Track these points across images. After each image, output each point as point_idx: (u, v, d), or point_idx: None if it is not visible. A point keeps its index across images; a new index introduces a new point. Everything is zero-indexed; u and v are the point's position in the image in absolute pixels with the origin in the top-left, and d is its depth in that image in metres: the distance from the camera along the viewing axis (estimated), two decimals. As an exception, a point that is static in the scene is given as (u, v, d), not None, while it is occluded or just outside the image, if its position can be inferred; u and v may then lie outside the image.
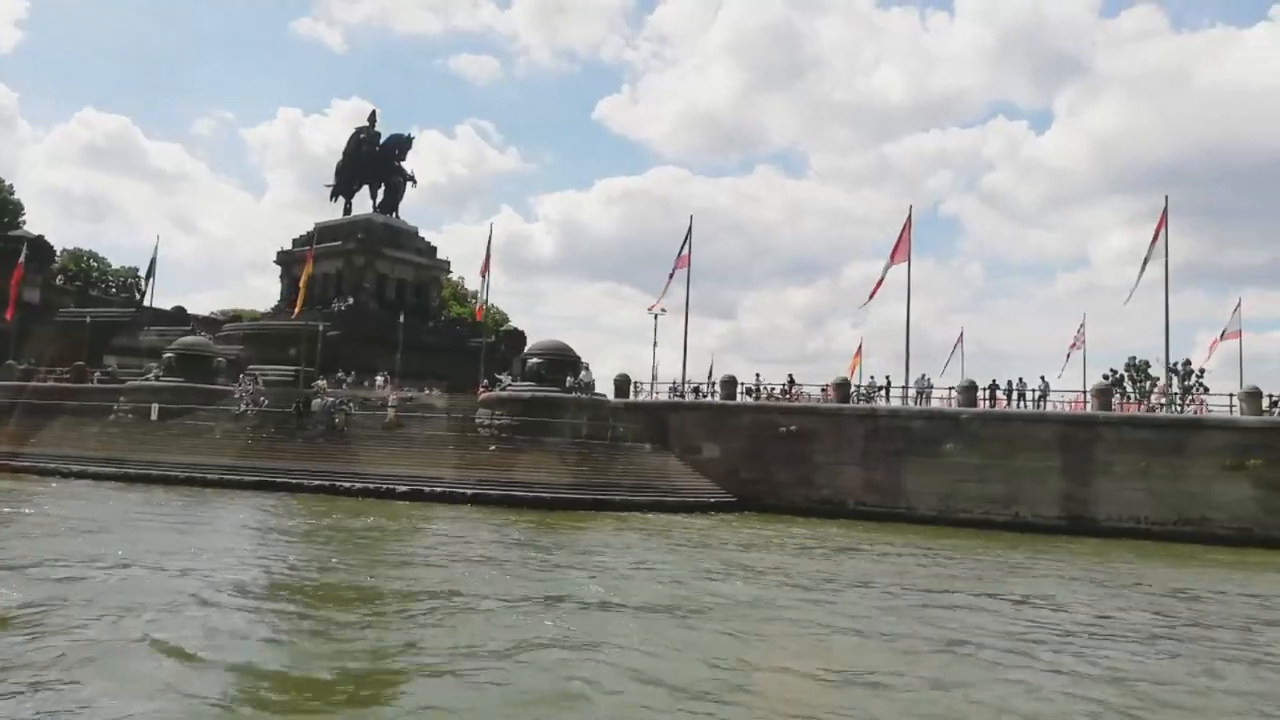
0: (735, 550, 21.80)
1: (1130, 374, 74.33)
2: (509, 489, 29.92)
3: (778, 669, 10.63)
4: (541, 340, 37.77)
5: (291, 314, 67.01)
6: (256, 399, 38.90)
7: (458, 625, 11.97)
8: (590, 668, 10.03)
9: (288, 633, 11.09)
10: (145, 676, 8.95)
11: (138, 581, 13.91)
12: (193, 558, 16.50)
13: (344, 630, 11.20)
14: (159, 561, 15.67)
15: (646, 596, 14.74)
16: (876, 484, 32.50)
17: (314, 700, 8.60)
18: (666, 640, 11.68)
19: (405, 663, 9.99)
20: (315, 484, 30.99)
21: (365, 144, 72.08)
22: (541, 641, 11.16)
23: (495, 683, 9.38)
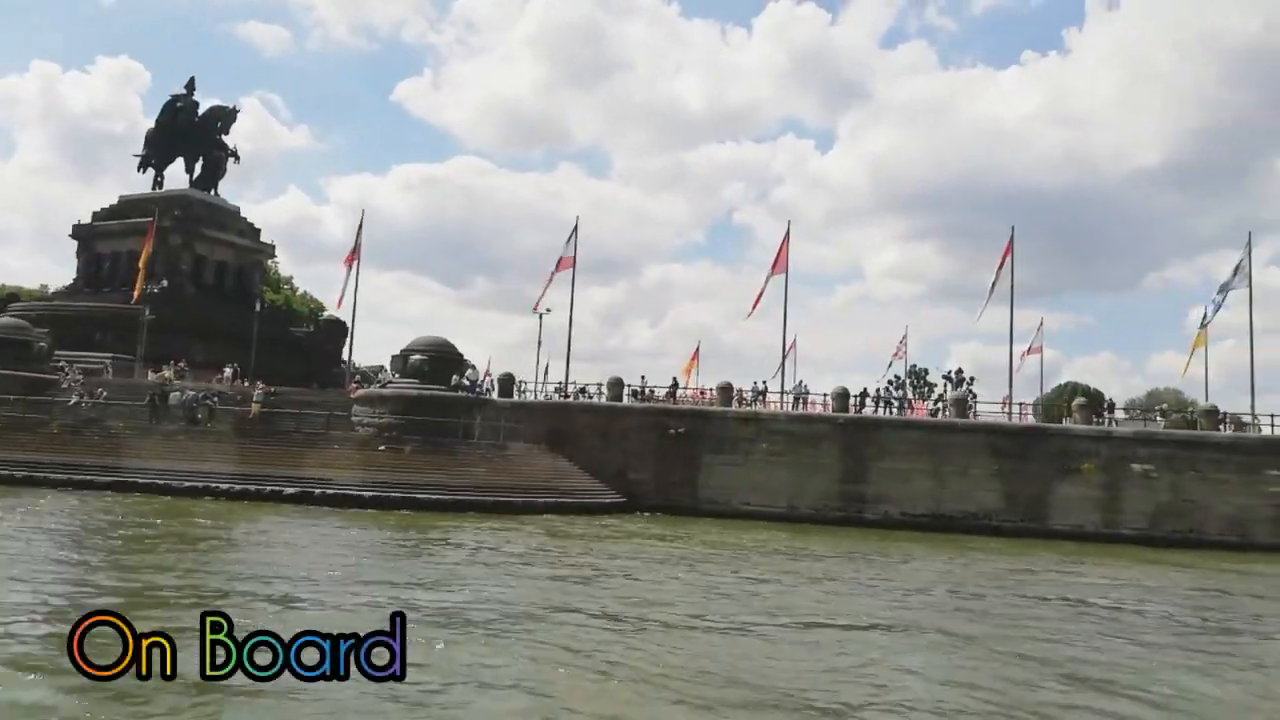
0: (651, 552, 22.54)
1: (911, 380, 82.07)
2: (409, 491, 28.90)
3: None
4: (422, 336, 36.54)
5: (91, 294, 60.64)
6: (93, 390, 34.97)
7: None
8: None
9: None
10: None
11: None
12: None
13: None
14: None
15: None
16: (758, 484, 34.28)
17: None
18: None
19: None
20: (187, 485, 28.42)
21: (183, 113, 66.30)
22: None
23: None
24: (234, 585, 14.08)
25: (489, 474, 31.28)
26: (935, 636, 13.14)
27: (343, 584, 14.86)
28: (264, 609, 12.14)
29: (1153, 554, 27.56)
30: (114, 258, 62.44)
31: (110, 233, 62.71)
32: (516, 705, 8.57)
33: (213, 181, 66.86)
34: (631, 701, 8.85)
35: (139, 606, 11.73)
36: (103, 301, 58.30)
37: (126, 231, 62.33)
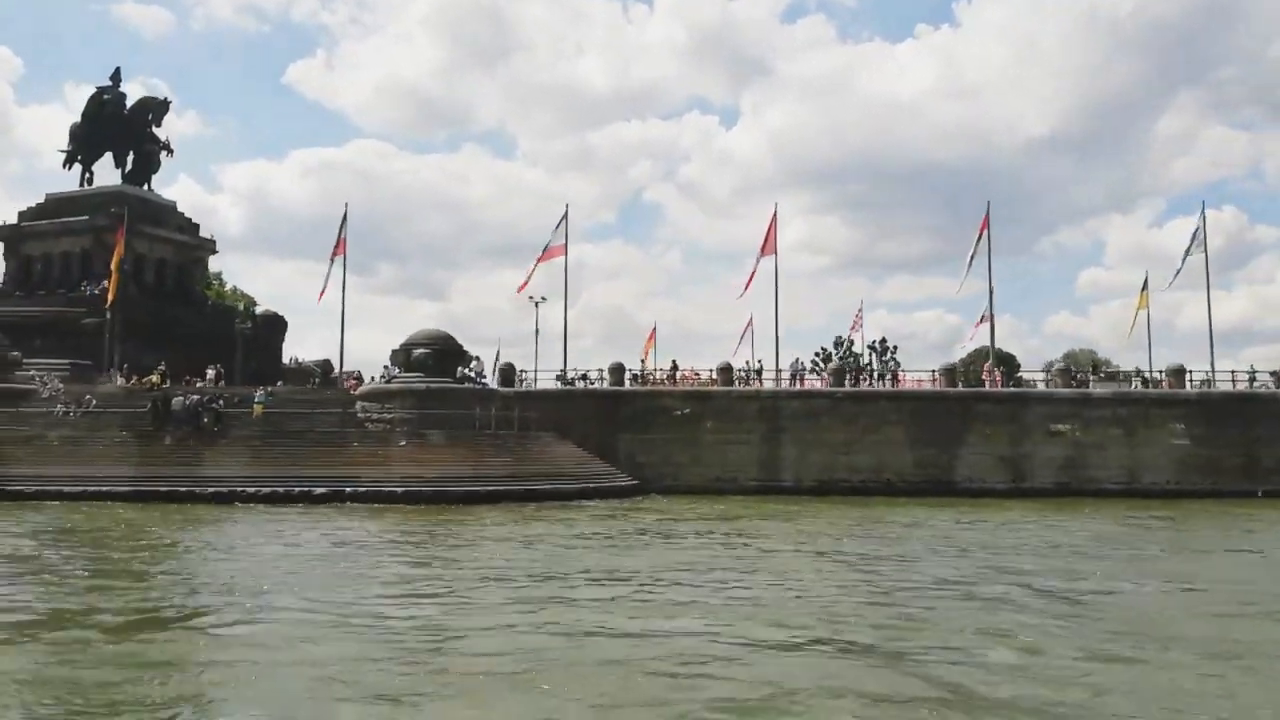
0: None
1: (838, 351, 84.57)
2: (439, 485, 29.06)
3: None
4: (423, 330, 36.39)
5: (23, 298, 57.53)
6: (80, 399, 33.62)
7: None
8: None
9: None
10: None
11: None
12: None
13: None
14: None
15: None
16: (764, 460, 35.61)
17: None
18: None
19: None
20: (212, 491, 27.93)
21: (109, 105, 63.18)
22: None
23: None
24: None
25: (512, 464, 31.64)
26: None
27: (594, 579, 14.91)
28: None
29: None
30: (45, 259, 59.24)
31: (40, 233, 59.44)
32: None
33: (145, 176, 63.93)
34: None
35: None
36: (37, 305, 55.47)
37: (59, 231, 59.27)
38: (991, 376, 37.71)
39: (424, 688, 8.38)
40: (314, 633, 10.55)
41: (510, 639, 10.41)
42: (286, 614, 11.72)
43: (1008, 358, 76.83)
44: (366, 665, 9.09)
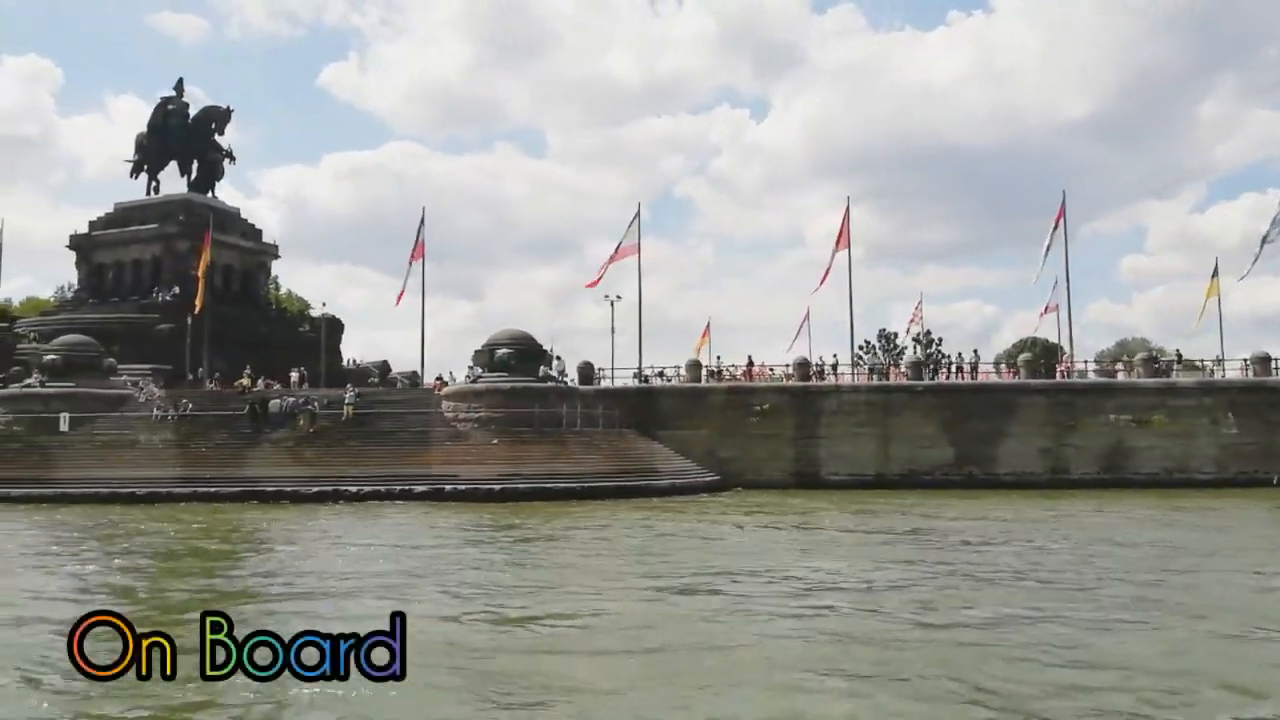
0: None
1: (881, 343, 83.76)
2: (537, 482, 29.55)
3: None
4: (504, 330, 36.94)
5: (97, 305, 59.04)
6: (177, 402, 34.55)
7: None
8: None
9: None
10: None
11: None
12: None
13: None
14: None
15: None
16: (843, 454, 35.75)
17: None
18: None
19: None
20: (315, 490, 28.63)
21: (174, 115, 64.57)
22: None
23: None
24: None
25: (601, 461, 32.07)
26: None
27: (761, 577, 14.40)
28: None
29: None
30: (117, 267, 60.82)
31: (110, 242, 61.03)
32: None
33: (209, 184, 65.36)
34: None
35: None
36: (110, 312, 56.90)
37: (129, 240, 60.81)
38: (1069, 367, 37.51)
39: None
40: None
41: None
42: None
43: (1054, 348, 76.18)
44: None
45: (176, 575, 15.24)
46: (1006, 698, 7.54)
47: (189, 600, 12.46)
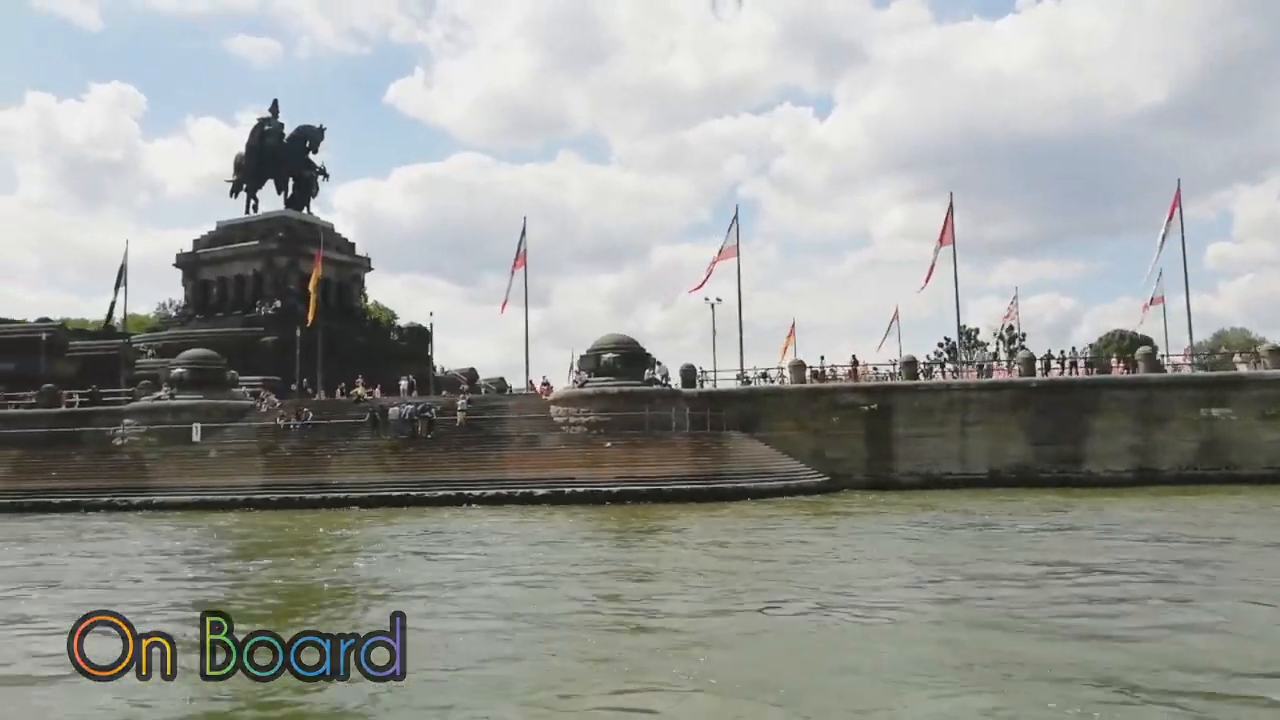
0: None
1: (963, 341, 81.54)
2: (650, 484, 29.79)
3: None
4: (609, 335, 37.35)
5: (203, 321, 61.46)
6: (299, 412, 35.77)
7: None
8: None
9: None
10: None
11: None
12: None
13: None
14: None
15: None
16: (957, 454, 35.20)
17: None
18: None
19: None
20: (441, 494, 29.38)
21: (270, 136, 66.92)
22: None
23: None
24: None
25: (713, 463, 32.17)
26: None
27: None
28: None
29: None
30: (220, 283, 63.29)
31: (214, 259, 63.53)
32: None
33: (305, 200, 67.62)
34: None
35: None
36: (216, 327, 59.17)
37: (231, 257, 63.23)
38: (1191, 360, 36.32)
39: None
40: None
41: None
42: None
43: (1144, 340, 73.56)
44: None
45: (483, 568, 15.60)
46: None
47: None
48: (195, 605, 12.35)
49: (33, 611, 12.20)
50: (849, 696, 7.63)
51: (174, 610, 11.89)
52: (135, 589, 14.12)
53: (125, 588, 14.38)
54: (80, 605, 10.77)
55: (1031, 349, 62.71)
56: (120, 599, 12.79)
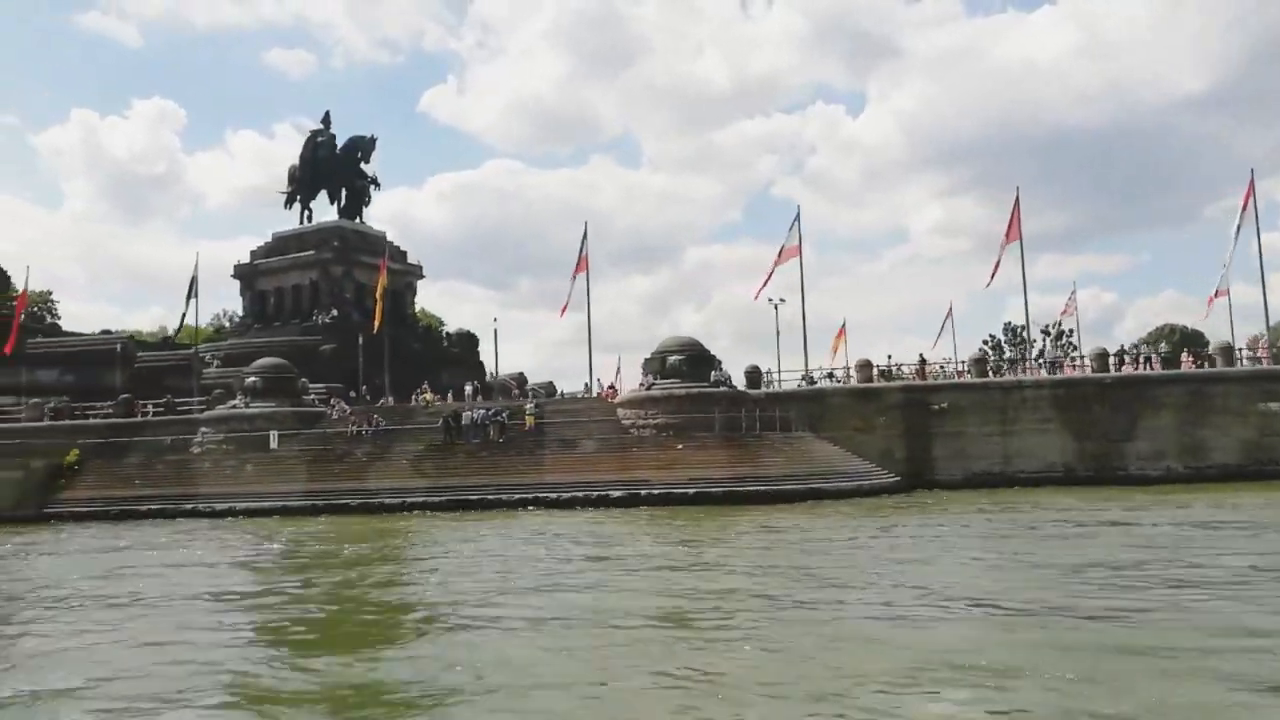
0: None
1: (1007, 337, 79.72)
2: (725, 485, 29.76)
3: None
4: (673, 337, 37.46)
5: (261, 330, 62.46)
6: (370, 418, 36.24)
7: None
8: None
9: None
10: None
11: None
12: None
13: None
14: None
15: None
16: (1030, 450, 34.75)
17: None
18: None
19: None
20: (518, 497, 29.64)
21: (323, 147, 67.90)
22: None
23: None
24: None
25: (785, 464, 32.07)
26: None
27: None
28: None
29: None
30: (278, 293, 64.31)
31: (271, 270, 64.57)
32: None
33: (357, 210, 68.50)
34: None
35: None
36: (274, 336, 60.08)
37: (287, 267, 64.21)
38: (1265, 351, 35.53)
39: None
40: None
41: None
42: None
43: (1195, 335, 71.93)
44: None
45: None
46: None
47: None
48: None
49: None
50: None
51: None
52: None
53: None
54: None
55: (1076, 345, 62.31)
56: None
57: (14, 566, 20.15)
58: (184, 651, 10.23)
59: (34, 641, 11.34)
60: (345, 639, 11.14)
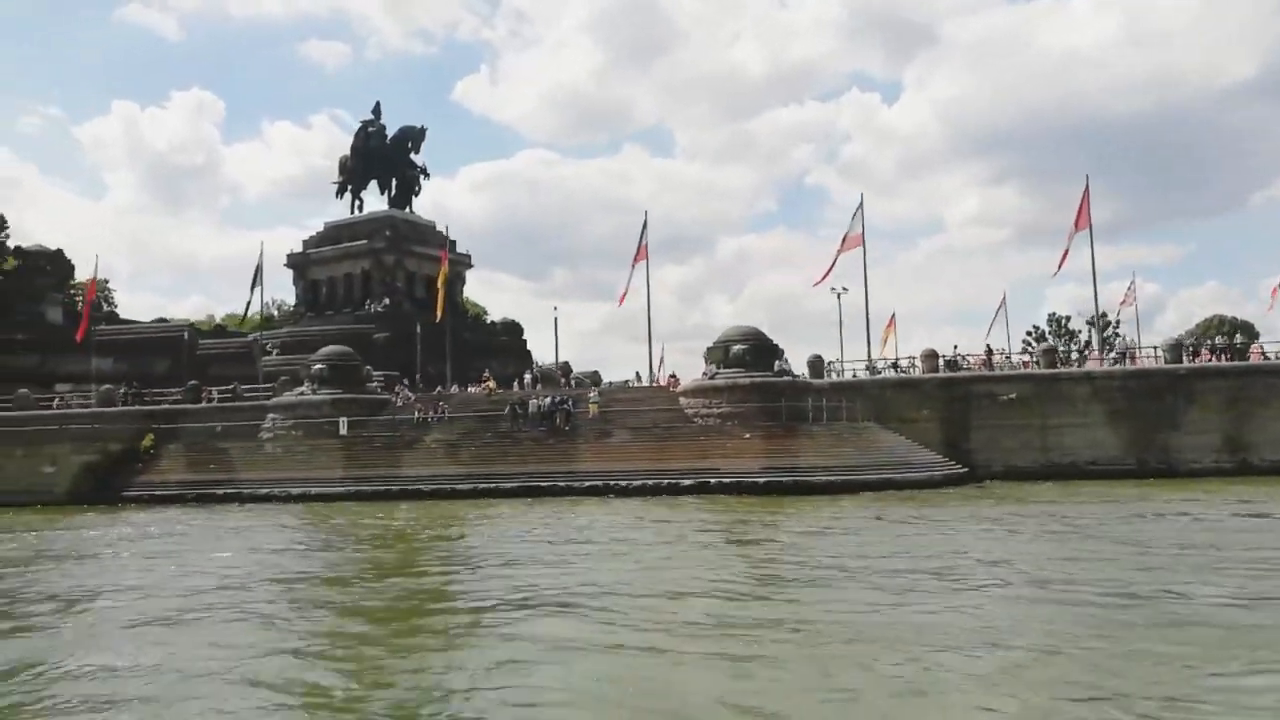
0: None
1: (1052, 328, 78.13)
2: (796, 475, 29.66)
3: None
4: (736, 326, 37.34)
5: (314, 319, 63.16)
6: (436, 406, 36.54)
7: None
8: None
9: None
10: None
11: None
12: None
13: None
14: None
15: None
16: (1099, 442, 34.26)
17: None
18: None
19: None
20: (588, 484, 29.77)
21: (374, 138, 68.42)
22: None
23: None
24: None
25: (854, 454, 31.85)
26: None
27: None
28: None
29: None
30: (330, 283, 64.96)
31: (324, 259, 65.22)
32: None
33: (407, 200, 68.94)
34: None
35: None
36: (327, 324, 60.75)
37: (340, 256, 64.83)
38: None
39: None
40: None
41: None
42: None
43: (1245, 326, 70.35)
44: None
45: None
46: None
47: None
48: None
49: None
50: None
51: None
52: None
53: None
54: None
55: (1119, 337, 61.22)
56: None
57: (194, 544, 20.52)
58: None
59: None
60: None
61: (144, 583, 14.99)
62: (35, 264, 49.27)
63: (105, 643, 10.65)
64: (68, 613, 12.65)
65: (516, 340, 69.73)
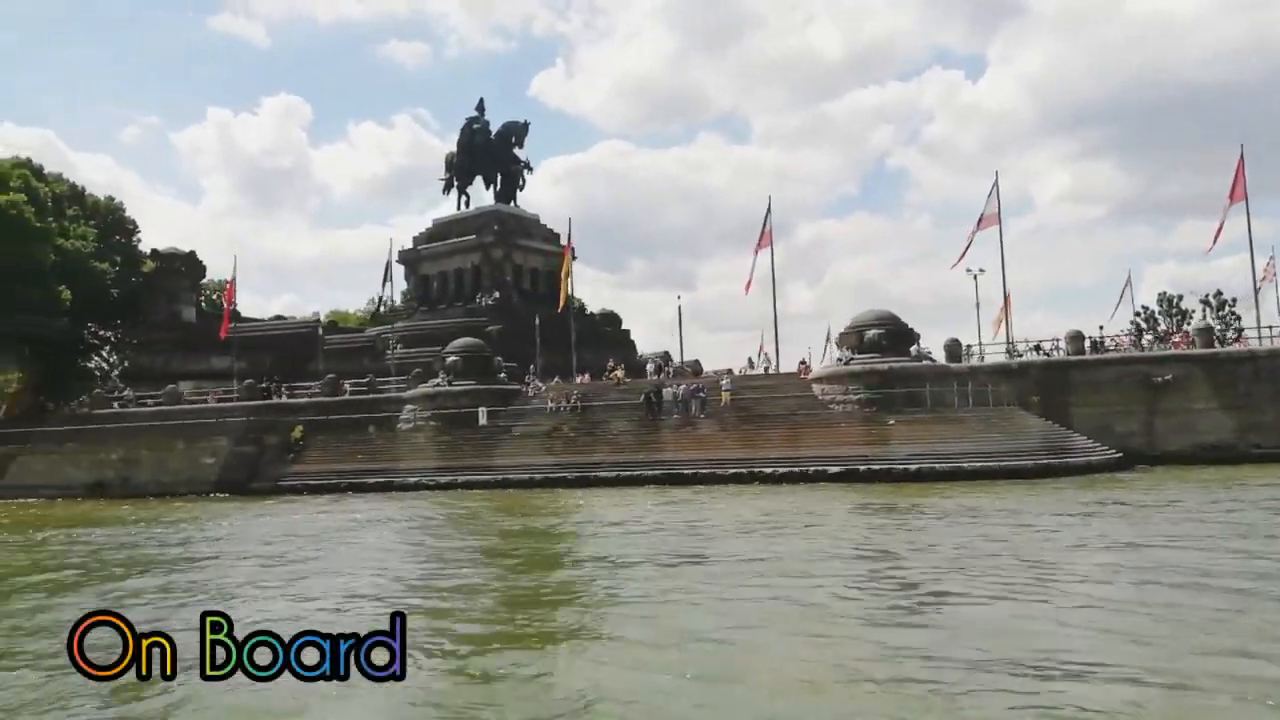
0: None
1: (1162, 307, 73.77)
2: (950, 462, 28.86)
3: None
4: (869, 310, 36.56)
5: (426, 313, 64.44)
6: (569, 396, 36.82)
7: None
8: None
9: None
10: None
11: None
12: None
13: None
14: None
15: None
16: (1267, 424, 32.45)
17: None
18: None
19: None
20: (732, 471, 29.54)
21: (478, 134, 69.42)
22: None
23: None
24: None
25: (1005, 439, 30.82)
26: None
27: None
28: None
29: None
30: (440, 277, 66.20)
31: (434, 255, 66.51)
32: None
33: (511, 194, 69.81)
34: None
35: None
36: (439, 319, 61.90)
37: (449, 251, 66.01)
38: None
39: None
40: None
41: None
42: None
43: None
44: None
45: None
46: None
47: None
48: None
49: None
50: None
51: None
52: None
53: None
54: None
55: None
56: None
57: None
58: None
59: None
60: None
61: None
62: (171, 266, 51.45)
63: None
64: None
65: (618, 330, 70.09)
